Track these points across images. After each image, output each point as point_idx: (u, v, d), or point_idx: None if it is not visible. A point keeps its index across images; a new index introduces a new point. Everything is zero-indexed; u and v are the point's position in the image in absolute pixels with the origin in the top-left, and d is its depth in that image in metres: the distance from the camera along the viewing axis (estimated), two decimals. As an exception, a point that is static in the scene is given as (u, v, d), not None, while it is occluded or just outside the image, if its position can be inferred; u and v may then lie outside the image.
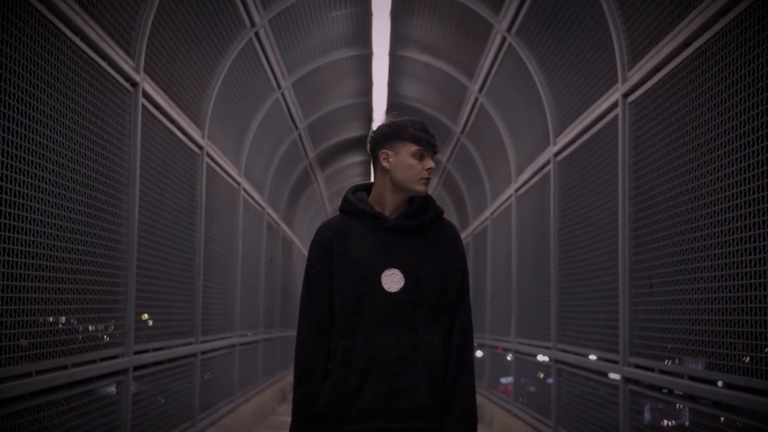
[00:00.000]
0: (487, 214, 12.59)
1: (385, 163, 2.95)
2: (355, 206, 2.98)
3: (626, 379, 5.73)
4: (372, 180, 3.06)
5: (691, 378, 4.62)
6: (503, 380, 11.06)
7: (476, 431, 2.90)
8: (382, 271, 2.87)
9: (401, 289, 2.85)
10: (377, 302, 2.84)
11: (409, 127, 2.92)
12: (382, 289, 2.85)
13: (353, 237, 2.93)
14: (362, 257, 2.89)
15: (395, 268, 2.88)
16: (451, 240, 3.00)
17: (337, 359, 2.85)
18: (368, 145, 3.03)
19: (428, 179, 2.93)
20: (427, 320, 2.88)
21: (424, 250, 2.93)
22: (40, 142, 4.19)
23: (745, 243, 4.00)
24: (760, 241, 3.86)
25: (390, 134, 2.94)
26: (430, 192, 14.53)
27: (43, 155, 4.23)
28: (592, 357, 6.68)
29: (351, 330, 2.85)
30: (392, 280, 2.86)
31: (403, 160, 2.92)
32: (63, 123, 4.50)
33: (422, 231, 2.96)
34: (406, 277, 2.87)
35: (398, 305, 2.84)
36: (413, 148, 2.91)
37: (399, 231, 2.93)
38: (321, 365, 2.88)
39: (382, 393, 2.81)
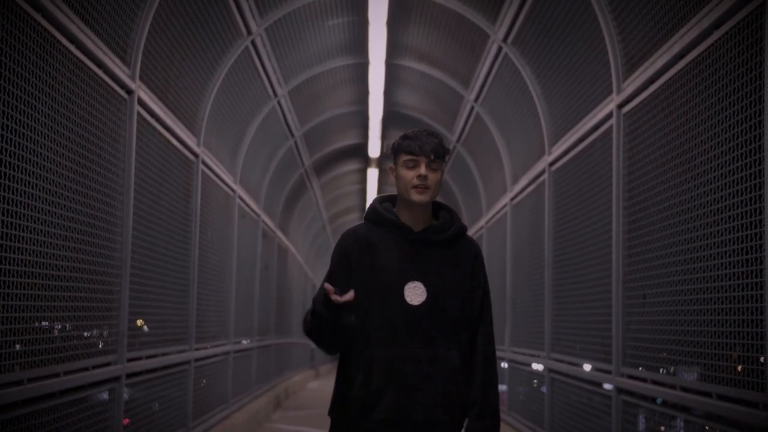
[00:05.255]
0: (482, 223, 12.60)
1: (392, 178, 2.97)
2: (381, 216, 2.96)
3: (619, 390, 5.73)
4: None
5: (684, 389, 4.63)
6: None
7: None
8: (405, 283, 2.86)
9: (422, 303, 2.85)
10: (398, 314, 2.84)
11: (404, 139, 2.91)
12: (404, 301, 2.84)
13: (378, 246, 2.92)
14: (386, 267, 2.88)
15: (418, 281, 2.86)
16: (473, 257, 2.99)
17: (358, 367, 2.84)
18: None
19: (422, 187, 2.87)
20: (446, 335, 2.87)
21: (447, 265, 2.92)
22: (34, 150, 4.19)
23: (739, 255, 4.01)
24: (753, 253, 3.87)
25: (392, 148, 2.96)
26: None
27: (37, 162, 4.22)
28: (586, 367, 6.69)
29: (371, 339, 2.84)
30: (414, 293, 2.85)
31: (398, 172, 2.92)
32: (57, 130, 4.50)
33: (446, 246, 2.94)
34: (428, 290, 2.86)
35: (418, 318, 2.84)
36: (405, 157, 2.89)
37: (423, 244, 2.92)
38: None
39: (400, 405, 2.80)
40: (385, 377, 2.81)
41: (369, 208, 3.03)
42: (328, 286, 2.71)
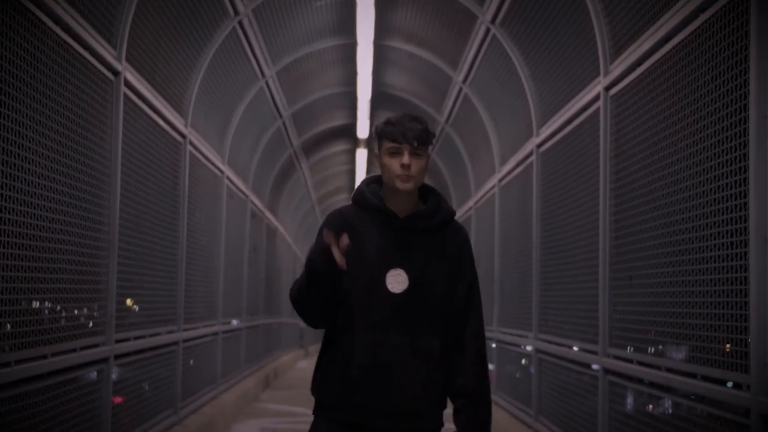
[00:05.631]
0: (470, 203, 12.62)
1: (377, 163, 2.90)
2: (367, 199, 2.90)
3: (605, 370, 5.78)
4: None
5: (669, 370, 4.67)
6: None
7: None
8: (387, 270, 2.82)
9: (404, 291, 2.81)
10: (380, 301, 2.80)
11: (387, 125, 2.83)
12: (386, 288, 2.81)
13: (362, 231, 2.86)
14: (368, 253, 2.83)
15: (401, 268, 2.82)
16: (460, 244, 2.93)
17: (340, 348, 2.82)
18: None
19: (406, 176, 2.80)
20: (429, 323, 2.84)
21: (432, 252, 2.87)
22: (19, 132, 4.17)
23: (724, 237, 4.03)
24: (738, 236, 3.90)
25: (376, 134, 2.88)
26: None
27: (23, 144, 4.21)
28: (575, 348, 6.73)
29: (353, 324, 2.81)
30: (396, 281, 2.81)
31: (382, 159, 2.85)
32: (43, 112, 4.49)
33: (431, 233, 2.89)
34: (410, 278, 2.82)
35: (399, 306, 2.80)
36: (388, 144, 2.82)
37: (408, 231, 2.87)
38: None
39: (380, 391, 2.78)
40: (366, 362, 2.78)
41: (356, 189, 2.97)
42: (327, 235, 2.63)
